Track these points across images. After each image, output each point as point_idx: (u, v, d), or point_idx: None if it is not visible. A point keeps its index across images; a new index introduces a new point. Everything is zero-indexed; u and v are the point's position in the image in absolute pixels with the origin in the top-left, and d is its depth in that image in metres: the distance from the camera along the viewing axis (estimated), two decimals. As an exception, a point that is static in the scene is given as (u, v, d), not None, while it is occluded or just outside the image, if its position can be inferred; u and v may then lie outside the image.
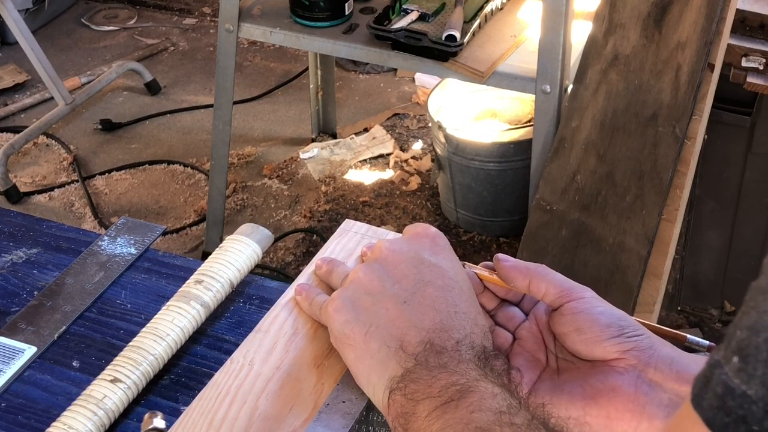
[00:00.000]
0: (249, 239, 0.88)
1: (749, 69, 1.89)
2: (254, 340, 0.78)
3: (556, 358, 0.74)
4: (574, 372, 0.72)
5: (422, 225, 0.77)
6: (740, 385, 0.40)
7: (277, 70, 3.41)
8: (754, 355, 0.40)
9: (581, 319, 0.71)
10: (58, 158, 3.01)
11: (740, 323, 0.42)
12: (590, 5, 2.05)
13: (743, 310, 0.42)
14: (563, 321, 0.72)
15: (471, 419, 0.61)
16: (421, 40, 2.01)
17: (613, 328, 0.70)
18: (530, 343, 0.75)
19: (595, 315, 0.71)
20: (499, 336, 0.76)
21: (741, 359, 0.41)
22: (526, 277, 0.74)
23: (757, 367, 0.40)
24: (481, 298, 0.77)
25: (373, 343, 0.70)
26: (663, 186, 1.80)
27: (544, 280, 0.73)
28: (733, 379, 0.41)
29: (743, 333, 0.41)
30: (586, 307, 0.72)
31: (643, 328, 0.71)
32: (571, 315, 0.72)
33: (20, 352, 0.83)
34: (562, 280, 0.74)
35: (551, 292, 0.73)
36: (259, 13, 2.25)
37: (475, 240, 2.64)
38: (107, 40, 3.64)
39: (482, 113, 2.66)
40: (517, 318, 0.77)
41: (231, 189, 2.82)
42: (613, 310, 0.72)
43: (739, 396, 0.40)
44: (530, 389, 0.73)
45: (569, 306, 0.72)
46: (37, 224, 0.98)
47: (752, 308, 0.41)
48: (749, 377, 0.40)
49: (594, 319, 0.71)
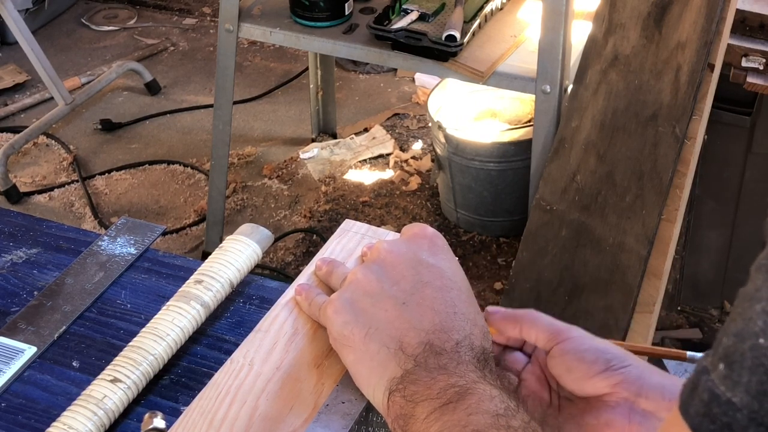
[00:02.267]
0: (249, 239, 0.88)
1: (749, 69, 1.89)
2: (254, 340, 0.78)
3: (558, 395, 0.75)
4: (572, 410, 0.74)
5: (420, 225, 0.78)
6: (725, 392, 0.40)
7: (277, 70, 3.41)
8: (740, 362, 0.40)
9: (569, 360, 0.72)
10: (58, 158, 3.01)
11: (727, 330, 0.42)
12: (590, 5, 2.05)
13: (731, 316, 0.42)
14: (555, 363, 0.73)
15: (468, 421, 0.61)
16: (421, 40, 2.01)
17: (599, 363, 0.71)
18: (534, 384, 0.76)
19: (581, 353, 0.72)
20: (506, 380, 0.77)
21: (727, 366, 0.41)
22: (516, 326, 0.75)
23: (742, 374, 0.40)
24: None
25: (372, 344, 0.70)
26: (663, 186, 1.80)
27: (533, 327, 0.74)
28: (718, 386, 0.41)
29: (729, 340, 0.41)
30: (572, 347, 0.72)
31: (630, 358, 0.72)
32: (560, 357, 0.73)
33: (20, 352, 0.83)
34: (549, 324, 0.74)
35: (541, 337, 0.74)
36: (259, 13, 2.25)
37: (475, 240, 2.64)
38: (107, 40, 3.64)
39: (482, 113, 2.66)
40: (520, 362, 0.77)
41: (231, 189, 2.82)
42: (599, 344, 0.73)
43: (724, 403, 0.40)
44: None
45: (558, 348, 0.73)
46: (37, 224, 0.98)
47: (739, 315, 0.41)
48: (734, 384, 0.40)
49: (580, 357, 0.72)
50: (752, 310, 0.40)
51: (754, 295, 0.41)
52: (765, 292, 0.40)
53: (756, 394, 0.39)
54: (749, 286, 0.42)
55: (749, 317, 0.40)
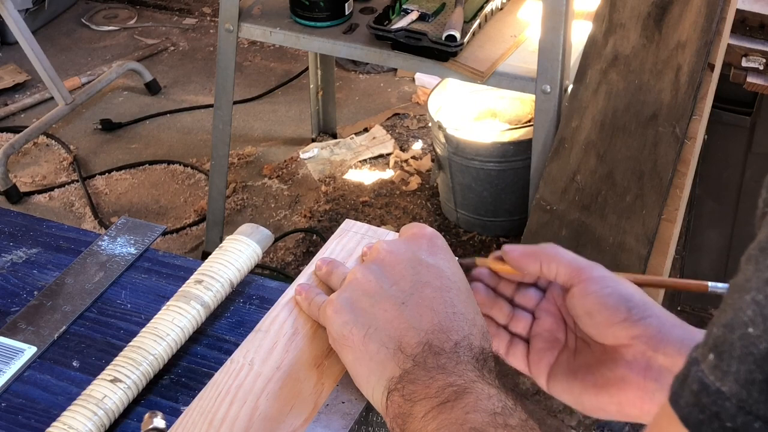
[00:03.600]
0: (249, 239, 0.88)
1: (749, 69, 1.89)
2: (254, 340, 0.78)
3: (575, 336, 0.75)
4: (588, 355, 0.73)
5: (418, 225, 0.78)
6: (715, 381, 0.40)
7: (277, 70, 3.41)
8: (729, 351, 0.40)
9: (590, 303, 0.71)
10: (58, 158, 3.01)
11: (718, 320, 0.42)
12: (590, 5, 2.05)
13: (721, 307, 0.42)
14: (575, 304, 0.72)
15: (466, 420, 0.62)
16: (421, 40, 2.01)
17: (620, 311, 0.70)
18: (549, 322, 0.76)
19: (604, 297, 0.71)
20: (519, 320, 0.77)
21: (716, 356, 0.41)
22: (536, 261, 0.74)
23: (731, 364, 0.40)
24: (499, 288, 0.78)
25: (371, 344, 0.70)
26: (663, 186, 1.80)
27: (554, 261, 0.74)
28: (708, 376, 0.41)
29: (719, 330, 0.41)
30: (594, 289, 0.71)
31: (652, 307, 0.71)
32: (581, 298, 0.72)
33: (20, 352, 0.83)
34: (571, 259, 0.74)
35: (562, 273, 0.73)
36: (259, 13, 2.25)
37: (475, 240, 2.64)
38: (107, 40, 3.64)
39: (482, 113, 2.66)
40: (535, 298, 0.77)
41: (231, 189, 2.82)
42: (622, 288, 0.71)
43: (713, 393, 0.40)
44: (548, 372, 0.74)
45: (579, 288, 0.72)
46: (37, 224, 0.98)
47: (729, 305, 0.41)
48: (723, 374, 0.40)
49: (602, 302, 0.71)
50: (742, 300, 0.40)
51: (744, 286, 0.41)
52: (755, 282, 0.40)
53: (744, 383, 0.39)
54: (739, 276, 0.42)
55: (739, 307, 0.40)
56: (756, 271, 0.41)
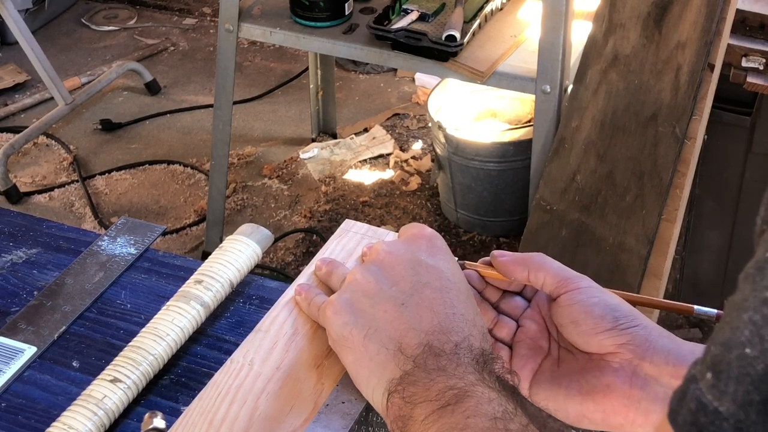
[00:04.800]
0: (249, 239, 0.88)
1: (749, 69, 1.89)
2: (254, 340, 0.78)
3: (558, 346, 0.75)
4: (572, 364, 0.73)
5: (418, 225, 0.77)
6: (712, 401, 0.40)
7: (277, 70, 3.41)
8: (726, 371, 0.40)
9: (576, 311, 0.71)
10: (58, 158, 3.01)
11: (715, 339, 0.42)
12: (590, 5, 2.05)
13: (719, 325, 0.42)
14: (560, 312, 0.72)
15: (466, 424, 0.61)
16: (421, 40, 2.01)
17: (607, 320, 0.70)
18: (533, 330, 0.76)
19: (590, 306, 0.71)
20: (503, 326, 0.77)
21: (714, 375, 0.41)
22: (524, 269, 0.74)
23: (728, 384, 0.40)
24: (485, 293, 0.78)
25: (371, 345, 0.69)
26: (663, 186, 1.80)
27: (542, 270, 0.74)
28: (706, 395, 0.41)
29: (717, 349, 0.41)
30: (581, 298, 0.72)
31: (639, 318, 0.71)
32: (567, 306, 0.72)
33: (20, 352, 0.83)
34: (558, 269, 0.74)
35: (549, 282, 0.73)
36: (259, 13, 2.25)
37: (475, 240, 2.64)
38: (107, 40, 3.64)
39: (482, 113, 2.66)
40: (520, 306, 0.77)
41: (231, 189, 2.82)
42: (609, 299, 0.72)
43: (711, 413, 0.40)
44: (531, 379, 0.74)
45: (565, 297, 0.72)
46: (37, 224, 0.98)
47: (727, 324, 0.41)
48: (721, 394, 0.40)
49: (588, 311, 0.71)
50: (739, 319, 0.40)
51: (742, 305, 0.41)
52: (752, 301, 0.40)
53: (742, 403, 0.39)
54: (737, 295, 0.42)
55: (736, 326, 0.40)
56: (753, 290, 0.40)
